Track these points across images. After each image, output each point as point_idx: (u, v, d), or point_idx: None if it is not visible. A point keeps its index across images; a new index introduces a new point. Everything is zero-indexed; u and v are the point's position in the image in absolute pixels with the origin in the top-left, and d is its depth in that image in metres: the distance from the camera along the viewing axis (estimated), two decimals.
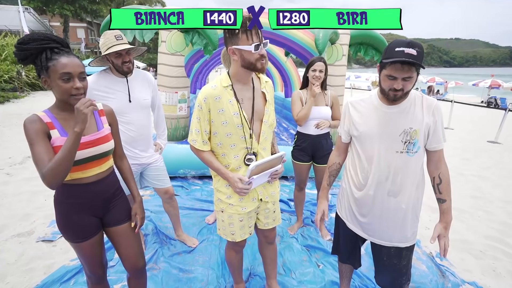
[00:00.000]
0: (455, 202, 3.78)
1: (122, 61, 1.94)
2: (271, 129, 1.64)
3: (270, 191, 1.68)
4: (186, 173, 3.89)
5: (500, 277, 2.41)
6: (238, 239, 1.67)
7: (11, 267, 2.23)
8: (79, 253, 1.44)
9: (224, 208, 1.62)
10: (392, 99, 1.39)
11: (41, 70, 1.22)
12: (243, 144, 1.51)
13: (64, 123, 1.28)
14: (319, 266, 2.39)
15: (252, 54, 1.41)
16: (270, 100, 1.60)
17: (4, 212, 3.03)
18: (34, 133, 1.19)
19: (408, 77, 1.31)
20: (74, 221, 1.35)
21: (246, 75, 1.51)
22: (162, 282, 2.13)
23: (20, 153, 4.99)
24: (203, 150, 1.54)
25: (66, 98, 1.24)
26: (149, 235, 2.69)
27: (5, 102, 10.39)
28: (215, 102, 1.46)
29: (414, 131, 1.40)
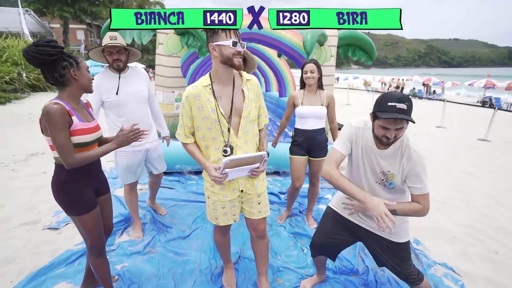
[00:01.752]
0: (438, 195, 3.99)
1: (112, 59, 2.28)
2: (253, 124, 1.75)
3: (253, 183, 1.79)
4: (182, 169, 4.09)
5: (470, 260, 2.61)
6: (221, 224, 1.84)
7: (20, 251, 2.43)
8: (84, 227, 1.66)
9: (209, 195, 1.81)
10: (385, 144, 1.53)
11: (71, 65, 1.52)
12: (221, 137, 1.66)
13: (77, 110, 1.58)
14: (303, 250, 2.60)
15: (229, 49, 1.55)
16: (251, 96, 1.71)
17: (11, 204, 3.23)
18: (62, 121, 1.45)
19: (400, 128, 1.46)
20: (82, 195, 1.61)
21: (226, 73, 1.63)
22: (158, 263, 2.33)
23: (23, 151, 5.18)
24: (186, 142, 1.74)
25: (88, 84, 1.63)
26: (147, 224, 2.89)
27: (6, 103, 10.57)
28: (195, 100, 1.63)
29: (391, 174, 1.58)
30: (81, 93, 1.63)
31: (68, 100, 1.55)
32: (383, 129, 1.48)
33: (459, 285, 2.25)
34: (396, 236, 1.71)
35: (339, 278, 2.23)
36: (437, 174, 4.85)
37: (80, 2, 22.78)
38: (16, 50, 14.48)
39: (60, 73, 1.51)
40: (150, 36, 3.88)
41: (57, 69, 1.50)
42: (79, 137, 1.54)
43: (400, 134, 1.49)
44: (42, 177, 4.04)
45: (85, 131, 1.57)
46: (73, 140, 1.52)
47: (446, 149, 6.59)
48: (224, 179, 1.61)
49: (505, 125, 10.52)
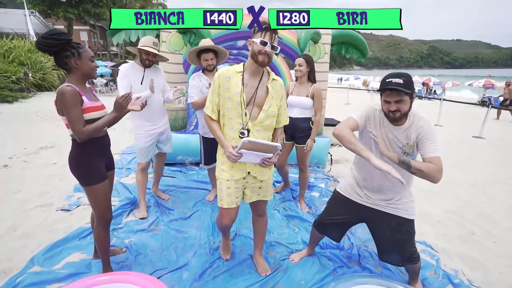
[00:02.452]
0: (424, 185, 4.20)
1: (147, 58, 2.77)
2: (271, 119, 1.89)
3: (260, 170, 1.93)
4: (183, 160, 4.34)
5: (448, 240, 2.83)
6: (225, 206, 1.93)
7: (37, 227, 2.69)
8: (94, 197, 1.88)
9: (218, 175, 1.95)
10: (392, 119, 1.68)
11: (72, 55, 1.73)
12: (239, 119, 1.82)
13: (85, 92, 1.82)
14: (294, 230, 2.83)
15: (257, 46, 1.74)
16: (274, 94, 1.86)
17: (25, 190, 3.48)
18: (74, 99, 1.68)
19: (399, 100, 1.60)
20: (93, 167, 1.84)
21: (255, 67, 1.81)
22: (162, 239, 2.57)
23: (33, 145, 5.44)
24: (212, 118, 1.88)
25: (90, 72, 1.82)
26: (151, 207, 3.13)
27: (13, 101, 10.88)
28: (225, 80, 1.82)
29: (409, 146, 1.72)
30: (84, 79, 1.83)
31: (76, 83, 1.78)
32: (386, 103, 1.65)
33: (435, 259, 2.47)
34: (407, 212, 1.85)
35: (325, 252, 2.45)
36: None
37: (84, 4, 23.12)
38: (22, 50, 14.80)
39: (63, 61, 1.74)
40: (153, 35, 4.13)
41: (62, 57, 1.73)
42: (89, 114, 1.77)
43: (403, 107, 1.62)
44: (53, 167, 4.30)
45: (94, 108, 1.81)
46: (85, 117, 1.75)
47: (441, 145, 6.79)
48: (238, 158, 1.74)
49: (504, 124, 10.71)
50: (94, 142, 1.84)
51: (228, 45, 4.97)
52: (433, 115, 11.06)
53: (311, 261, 2.33)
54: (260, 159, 1.79)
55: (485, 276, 2.31)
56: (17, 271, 2.11)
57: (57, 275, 2.05)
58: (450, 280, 2.20)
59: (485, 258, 2.53)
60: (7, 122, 7.35)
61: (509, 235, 2.92)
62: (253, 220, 2.23)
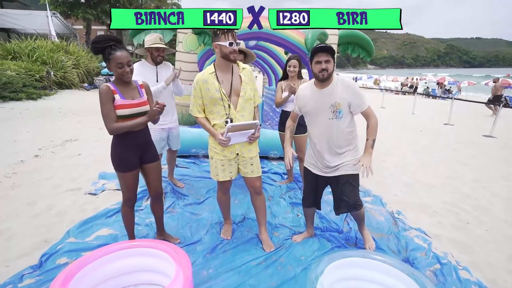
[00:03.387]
0: (427, 179, 4.38)
1: (158, 54, 2.93)
2: (249, 102, 2.24)
3: (248, 149, 2.30)
4: (197, 152, 4.65)
5: (442, 227, 3.02)
6: (221, 179, 2.34)
7: (69, 207, 3.04)
8: (123, 182, 2.16)
9: (212, 155, 2.32)
10: (322, 79, 2.07)
11: (106, 60, 1.96)
12: (224, 111, 2.17)
13: (122, 90, 2.03)
14: (298, 215, 3.08)
15: (227, 48, 2.03)
16: (247, 80, 2.21)
17: (56, 177, 3.87)
18: (105, 98, 1.94)
19: (327, 60, 2.02)
20: (124, 157, 2.10)
21: (225, 64, 2.14)
22: (178, 219, 2.88)
23: (59, 138, 5.87)
24: (197, 116, 2.24)
25: (120, 77, 1.99)
26: (167, 193, 3.44)
27: (37, 98, 11.48)
28: (203, 84, 2.13)
29: (338, 104, 2.11)
30: (119, 80, 2.00)
31: (115, 83, 2.03)
32: (317, 64, 2.04)
33: (427, 243, 2.67)
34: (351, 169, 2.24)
35: (325, 234, 2.70)
36: (432, 163, 5.21)
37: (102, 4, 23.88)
38: (45, 50, 15.51)
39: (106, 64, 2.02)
40: (171, 36, 4.46)
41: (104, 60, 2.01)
42: (119, 110, 1.99)
43: (330, 67, 2.03)
44: (78, 158, 4.69)
45: (125, 106, 2.00)
46: (117, 113, 1.98)
47: (448, 143, 6.88)
48: (228, 142, 2.12)
49: None
50: (128, 135, 2.06)
51: None
52: (444, 114, 11.05)
53: (311, 241, 2.59)
54: (247, 137, 2.19)
55: (471, 258, 2.51)
56: (56, 241, 2.45)
57: (90, 245, 2.38)
58: (438, 260, 2.41)
59: (474, 243, 2.72)
60: (34, 117, 7.87)
61: (502, 225, 3.09)
62: (252, 199, 2.52)
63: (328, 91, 2.12)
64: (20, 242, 2.44)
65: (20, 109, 9.13)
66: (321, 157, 2.27)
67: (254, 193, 2.46)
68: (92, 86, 16.76)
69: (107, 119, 1.96)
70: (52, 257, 2.22)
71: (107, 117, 1.95)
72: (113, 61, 1.93)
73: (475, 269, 2.37)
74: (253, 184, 2.41)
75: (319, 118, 2.19)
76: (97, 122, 7.54)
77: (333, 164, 2.25)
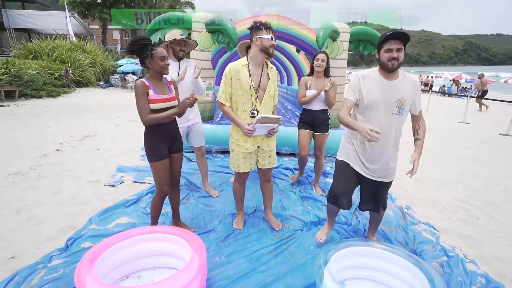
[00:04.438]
0: (439, 176, 4.38)
1: (179, 49, 2.96)
2: (271, 99, 2.44)
3: (267, 142, 2.48)
4: (210, 148, 4.79)
5: (452, 222, 3.05)
6: (242, 171, 2.49)
7: (91, 197, 3.23)
8: (155, 172, 2.27)
9: (234, 148, 2.45)
10: (391, 69, 1.89)
11: (147, 56, 2.10)
12: (250, 103, 2.33)
13: (155, 85, 2.17)
14: (308, 208, 3.17)
15: (268, 42, 2.22)
16: (272, 79, 2.40)
17: (77, 169, 4.08)
18: (141, 92, 2.08)
19: (399, 48, 1.85)
20: (155, 147, 2.23)
21: (260, 58, 2.28)
22: (192, 210, 3.01)
23: (78, 133, 6.13)
24: (225, 104, 2.34)
25: (161, 70, 2.15)
26: (182, 185, 3.59)
27: (57, 96, 11.94)
28: (235, 73, 2.27)
29: (404, 99, 1.97)
30: (157, 75, 2.17)
31: (150, 78, 2.19)
32: (387, 52, 1.88)
33: (435, 237, 2.71)
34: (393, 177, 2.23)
35: (334, 226, 2.78)
36: (445, 161, 5.18)
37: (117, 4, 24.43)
38: (64, 49, 16.06)
39: (142, 61, 2.16)
40: (185, 34, 4.60)
41: (142, 58, 2.15)
42: (152, 104, 2.13)
43: (401, 56, 1.87)
44: (96, 152, 4.91)
45: (157, 100, 2.14)
46: (150, 107, 2.12)
47: (462, 141, 6.80)
48: (253, 133, 2.26)
49: None
50: (159, 127, 2.20)
51: None
52: (459, 112, 10.85)
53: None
54: (267, 130, 2.34)
55: (479, 251, 2.54)
56: (79, 227, 2.63)
57: (111, 232, 2.55)
58: (445, 253, 2.46)
59: (483, 238, 2.75)
60: (55, 114, 8.21)
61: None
62: (261, 185, 2.73)
63: (396, 84, 1.97)
64: (47, 228, 2.62)
65: (41, 106, 9.53)
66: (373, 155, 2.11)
67: (264, 180, 2.67)
68: (108, 84, 17.25)
69: (142, 111, 2.10)
70: (77, 241, 2.39)
71: (142, 109, 2.10)
72: (157, 55, 2.11)
73: (483, 262, 2.40)
74: (265, 173, 2.63)
75: (380, 112, 2.00)
76: (113, 119, 7.82)
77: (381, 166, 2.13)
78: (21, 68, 11.62)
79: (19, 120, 7.27)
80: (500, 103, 13.25)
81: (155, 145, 2.23)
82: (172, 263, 2.08)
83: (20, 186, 3.45)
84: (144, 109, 2.10)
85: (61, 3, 22.61)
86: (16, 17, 21.19)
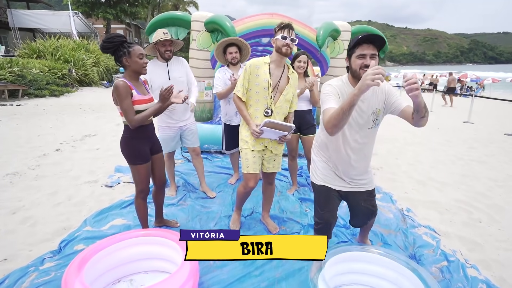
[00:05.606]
0: (441, 177, 4.30)
1: (165, 50, 2.83)
2: (288, 104, 2.37)
3: (275, 145, 2.42)
4: (209, 148, 4.75)
5: (453, 225, 2.98)
6: (251, 171, 2.37)
7: (87, 198, 3.21)
8: (137, 175, 2.25)
9: (242, 145, 2.39)
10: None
11: (124, 54, 2.04)
12: (264, 101, 2.29)
13: (136, 86, 2.12)
14: (306, 210, 3.12)
15: (280, 41, 2.18)
16: (292, 84, 2.34)
17: (76, 169, 4.07)
18: (125, 92, 2.02)
19: (374, 54, 1.61)
20: (138, 149, 2.19)
21: (279, 59, 2.25)
22: (188, 212, 2.98)
23: (79, 133, 6.14)
24: (241, 99, 2.30)
25: (140, 69, 2.08)
26: (180, 186, 3.56)
27: (60, 95, 11.99)
28: (255, 69, 2.25)
29: (378, 110, 1.79)
30: (135, 75, 2.10)
31: (129, 78, 2.11)
32: (360, 58, 1.63)
33: (435, 241, 2.65)
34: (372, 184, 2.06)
35: None
36: (447, 161, 5.10)
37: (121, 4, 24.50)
38: (67, 49, 16.12)
39: (118, 59, 2.09)
40: (185, 33, 4.58)
41: (117, 56, 2.08)
42: (137, 105, 2.09)
43: (375, 64, 1.52)
44: (96, 152, 4.90)
45: (141, 101, 2.11)
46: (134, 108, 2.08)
47: (466, 142, 6.69)
48: (260, 134, 2.23)
49: None
50: (141, 128, 2.15)
51: (253, 42, 5.29)
52: (465, 112, 10.70)
53: None
54: (278, 136, 2.28)
55: (481, 256, 2.47)
56: (74, 229, 2.61)
57: (105, 234, 2.51)
58: (446, 258, 2.39)
59: (485, 241, 2.68)
60: (57, 113, 8.24)
61: None
62: (263, 188, 2.68)
63: (368, 96, 1.74)
64: (42, 229, 2.61)
65: (44, 105, 9.56)
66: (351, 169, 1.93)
67: (267, 183, 2.62)
68: (111, 84, 17.30)
69: (129, 113, 2.03)
70: (70, 243, 2.37)
71: (128, 111, 2.03)
72: (134, 53, 2.04)
73: (484, 267, 2.34)
74: (269, 176, 2.59)
75: (355, 127, 1.82)
76: (114, 118, 7.81)
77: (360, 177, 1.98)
78: (25, 68, 11.69)
79: (21, 119, 7.30)
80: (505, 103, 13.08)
81: (137, 148, 2.18)
82: (164, 266, 2.05)
83: (17, 187, 3.44)
84: (131, 110, 2.04)
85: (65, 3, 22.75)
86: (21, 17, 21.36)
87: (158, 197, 2.56)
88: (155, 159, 2.38)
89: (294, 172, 3.60)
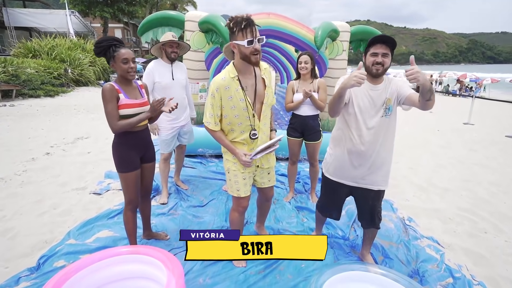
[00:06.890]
0: (442, 183, 4.16)
1: (171, 51, 2.95)
2: (269, 107, 2.01)
3: (267, 159, 2.10)
4: (204, 152, 4.60)
5: (457, 236, 2.84)
6: (242, 195, 2.05)
7: (74, 206, 3.06)
8: (125, 183, 2.12)
9: (229, 167, 2.03)
10: (375, 74, 1.85)
11: (110, 58, 1.94)
12: (247, 122, 1.90)
13: (125, 90, 2.01)
14: (303, 220, 2.98)
15: (246, 48, 1.72)
16: (269, 84, 1.95)
17: (65, 174, 3.91)
18: (110, 96, 1.90)
19: (385, 53, 1.81)
20: (127, 156, 2.06)
21: (247, 66, 1.83)
22: (179, 222, 2.83)
23: (71, 135, 5.98)
24: (215, 130, 1.94)
25: (125, 74, 1.97)
26: (171, 194, 3.41)
27: (55, 95, 11.80)
28: (225, 91, 1.82)
29: (388, 99, 1.91)
30: (122, 79, 2.00)
31: (119, 82, 2.01)
32: (372, 56, 1.84)
33: (439, 254, 2.51)
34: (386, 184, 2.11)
35: (328, 241, 2.58)
36: (449, 165, 4.96)
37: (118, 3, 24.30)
38: (63, 48, 15.93)
39: (109, 63, 2.00)
40: (178, 34, 4.42)
41: (107, 60, 1.99)
42: (123, 110, 1.97)
43: (387, 62, 1.83)
44: (87, 156, 4.74)
45: (129, 105, 1.98)
46: (120, 113, 1.96)
47: (467, 144, 6.57)
48: (252, 162, 1.94)
49: None
50: (130, 134, 2.04)
51: None
52: (465, 113, 10.58)
53: None
54: (269, 151, 1.93)
55: (488, 271, 2.33)
56: (56, 242, 2.45)
57: (89, 247, 2.36)
58: (451, 274, 2.25)
59: (491, 254, 2.54)
60: (50, 115, 8.07)
61: None
62: (260, 203, 2.46)
63: (381, 88, 1.92)
64: (22, 242, 2.45)
65: (38, 106, 9.39)
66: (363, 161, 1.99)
67: (264, 200, 2.38)
68: None
69: (112, 118, 1.93)
70: (50, 260, 2.21)
71: (112, 116, 1.93)
72: (118, 57, 1.94)
73: (492, 284, 2.20)
74: (267, 193, 2.28)
75: (367, 115, 1.94)
76: None
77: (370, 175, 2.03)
78: (19, 67, 11.49)
79: (13, 121, 7.12)
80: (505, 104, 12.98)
81: (125, 155, 2.07)
82: (148, 286, 1.90)
83: (1, 194, 3.28)
84: (113, 115, 1.93)
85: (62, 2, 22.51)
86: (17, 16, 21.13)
87: (144, 208, 2.42)
88: (145, 168, 2.25)
89: (292, 177, 3.47)
